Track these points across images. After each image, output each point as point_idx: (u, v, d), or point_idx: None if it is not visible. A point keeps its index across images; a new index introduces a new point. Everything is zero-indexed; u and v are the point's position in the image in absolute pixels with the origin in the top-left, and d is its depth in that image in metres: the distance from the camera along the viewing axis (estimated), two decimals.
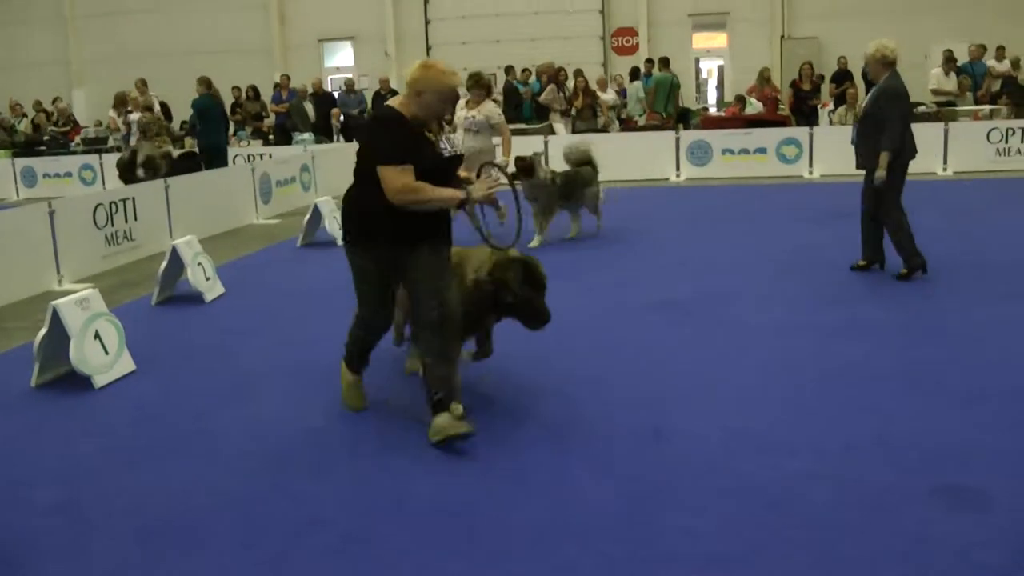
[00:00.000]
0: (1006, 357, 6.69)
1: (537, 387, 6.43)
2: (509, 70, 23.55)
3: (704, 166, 19.22)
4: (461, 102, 11.82)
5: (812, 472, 4.90)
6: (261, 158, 19.52)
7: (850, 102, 20.18)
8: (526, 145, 19.37)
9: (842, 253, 10.16)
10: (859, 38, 24.58)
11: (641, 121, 21.87)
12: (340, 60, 30.87)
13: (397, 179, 5.31)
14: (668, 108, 21.99)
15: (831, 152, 18.26)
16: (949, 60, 21.43)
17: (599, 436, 5.53)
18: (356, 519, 4.65)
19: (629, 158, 19.07)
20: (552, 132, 20.63)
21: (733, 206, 15.04)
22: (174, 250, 9.63)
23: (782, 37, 27.60)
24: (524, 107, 22.07)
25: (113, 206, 12.27)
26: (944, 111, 20.38)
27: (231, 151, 20.73)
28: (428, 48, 29.41)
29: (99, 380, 6.91)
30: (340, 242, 5.91)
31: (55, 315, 6.89)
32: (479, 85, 11.93)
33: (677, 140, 19.58)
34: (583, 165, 12.68)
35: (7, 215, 11.40)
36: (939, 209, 13.46)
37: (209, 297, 9.65)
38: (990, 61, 22.26)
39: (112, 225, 12.19)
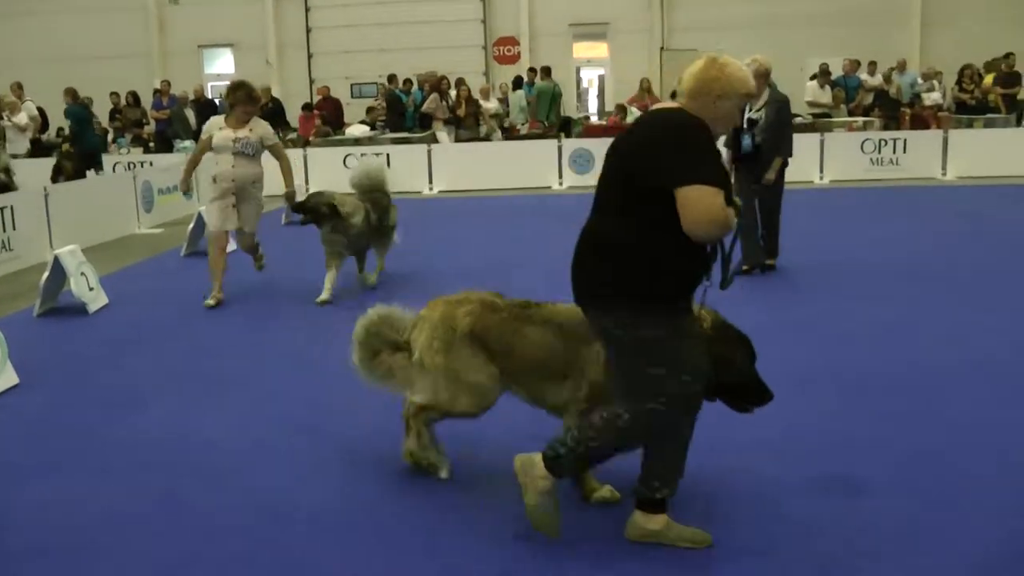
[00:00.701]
0: (878, 353, 7.10)
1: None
2: (392, 79, 23.59)
3: (587, 174, 19.48)
4: (219, 119, 9.87)
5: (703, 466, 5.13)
6: (142, 166, 19.22)
7: None
8: (409, 154, 19.58)
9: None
10: (737, 50, 25.25)
11: (524, 130, 22.10)
12: (220, 67, 30.47)
13: (714, 204, 4.00)
14: (550, 117, 22.27)
15: None
16: (824, 73, 22.16)
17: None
18: (258, 528, 4.70)
19: (512, 167, 19.36)
20: (435, 141, 20.74)
21: None
22: (56, 260, 9.50)
23: (661, 48, 28.12)
24: (407, 116, 22.15)
25: None
26: (820, 122, 21.07)
27: (109, 159, 20.42)
28: (309, 56, 29.32)
29: None
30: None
31: None
32: (251, 99, 9.71)
33: (560, 148, 19.87)
34: (375, 192, 10.40)
35: None
36: (817, 215, 14.03)
37: (93, 308, 9.54)
38: (863, 75, 23.06)
39: None
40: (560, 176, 19.60)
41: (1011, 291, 9.23)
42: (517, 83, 24.27)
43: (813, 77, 22.28)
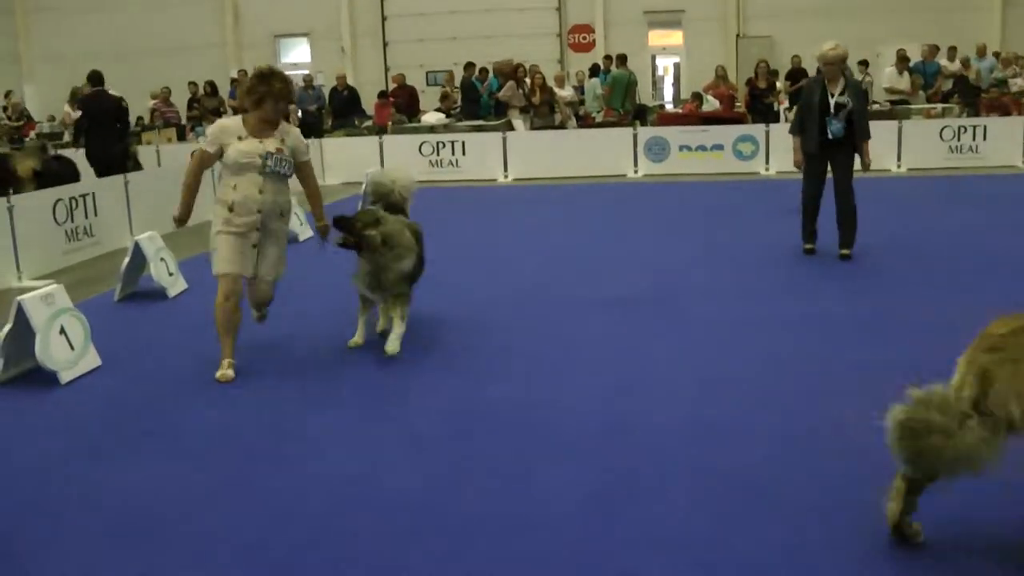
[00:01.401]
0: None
1: (501, 379, 6.52)
2: (468, 67, 23.47)
3: (662, 162, 19.36)
4: (234, 123, 7.14)
5: (775, 458, 5.02)
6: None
7: None
8: (484, 142, 19.57)
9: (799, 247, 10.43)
10: (812, 37, 24.97)
11: (599, 118, 21.97)
12: (296, 56, 30.73)
13: None
14: (625, 105, 22.09)
15: (787, 149, 18.47)
16: (902, 59, 21.68)
17: (563, 427, 5.61)
18: (328, 511, 4.68)
19: (587, 154, 19.27)
20: (511, 128, 20.70)
21: (691, 202, 15.19)
22: (136, 245, 9.61)
23: (737, 36, 27.88)
24: (482, 104, 22.12)
25: (73, 202, 12.20)
26: (897, 109, 20.66)
27: (189, 147, 20.63)
28: (385, 45, 29.43)
29: (65, 376, 6.91)
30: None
31: (20, 311, 6.87)
32: (287, 95, 7.21)
33: (635, 136, 19.72)
34: (392, 210, 7.80)
35: None
36: (895, 204, 13.77)
37: (172, 293, 9.64)
38: (942, 61, 22.57)
39: (72, 221, 12.12)
40: (635, 164, 19.45)
41: None
42: (593, 71, 24.16)
43: (895, 63, 21.81)
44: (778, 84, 22.31)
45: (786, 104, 22.24)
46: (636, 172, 19.37)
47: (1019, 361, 3.69)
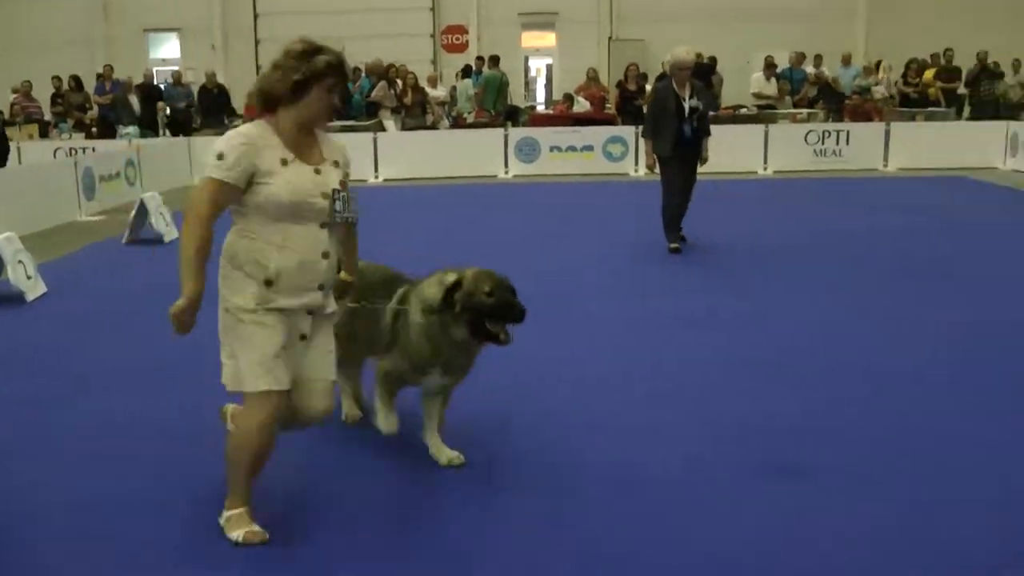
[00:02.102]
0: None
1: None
2: None
3: (532, 163, 19.62)
4: (263, 134, 4.15)
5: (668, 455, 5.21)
6: (83, 152, 19.01)
7: None
8: (355, 143, 19.50)
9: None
10: (683, 42, 25.48)
11: (470, 118, 22.10)
12: (166, 52, 30.17)
13: None
14: (497, 106, 22.27)
15: None
16: (770, 66, 22.33)
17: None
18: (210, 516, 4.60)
19: (458, 155, 19.43)
20: (382, 129, 20.72)
21: (561, 202, 15.43)
22: None
23: (610, 38, 28.27)
24: (354, 104, 22.06)
25: None
26: (764, 114, 21.28)
27: (52, 144, 20.20)
28: (257, 43, 29.02)
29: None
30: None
31: None
32: (340, 81, 4.29)
33: (506, 137, 19.95)
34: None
35: None
36: (762, 205, 14.33)
37: (31, 296, 9.44)
38: (808, 68, 23.31)
39: None
40: (506, 164, 19.67)
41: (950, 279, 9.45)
42: (465, 72, 24.27)
43: (762, 69, 22.43)
44: (647, 87, 22.67)
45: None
46: (507, 172, 19.59)
47: None
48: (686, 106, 10.40)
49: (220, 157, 4.06)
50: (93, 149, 19.45)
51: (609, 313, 8.40)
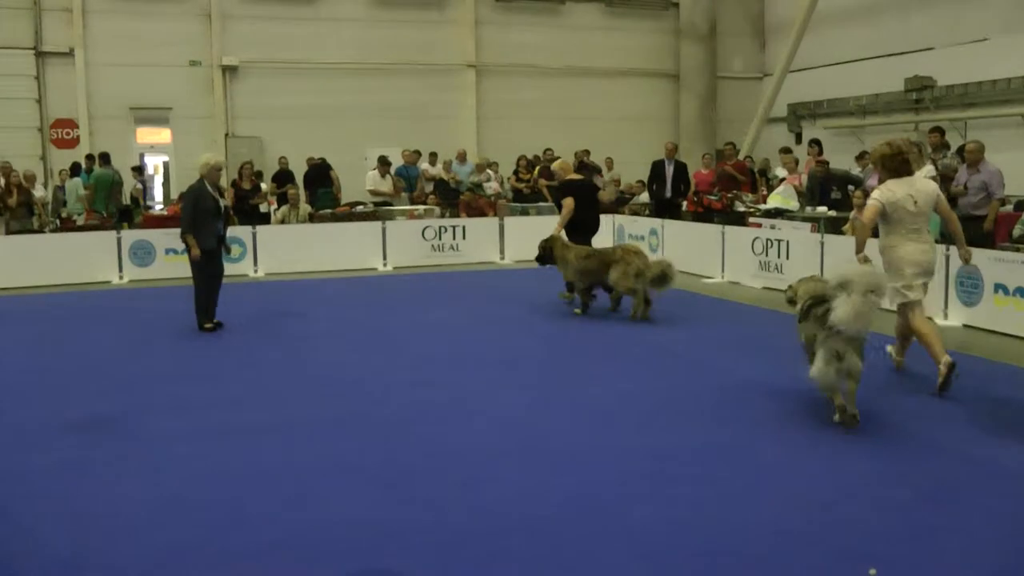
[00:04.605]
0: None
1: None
2: None
3: (148, 266, 19.18)
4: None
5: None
6: None
7: (292, 202, 21.25)
8: None
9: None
10: (299, 138, 26.28)
11: (80, 220, 21.36)
12: None
13: None
14: (110, 206, 21.71)
15: (276, 250, 19.36)
16: (384, 163, 23.12)
17: None
18: None
19: (66, 261, 18.67)
20: None
21: (166, 308, 15.02)
22: None
23: (226, 135, 28.26)
24: None
25: None
26: (381, 211, 21.99)
27: None
28: None
29: None
30: None
31: None
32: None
33: (119, 240, 19.30)
34: None
35: None
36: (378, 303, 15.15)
37: None
38: (423, 164, 24.40)
39: None
40: (120, 270, 19.07)
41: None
42: (74, 170, 23.52)
43: (376, 167, 23.22)
44: (263, 185, 22.88)
45: (275, 205, 22.86)
46: (121, 278, 18.96)
47: None
48: (221, 204, 12.72)
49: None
50: None
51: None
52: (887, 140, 9.61)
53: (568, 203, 14.44)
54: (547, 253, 14.14)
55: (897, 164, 9.28)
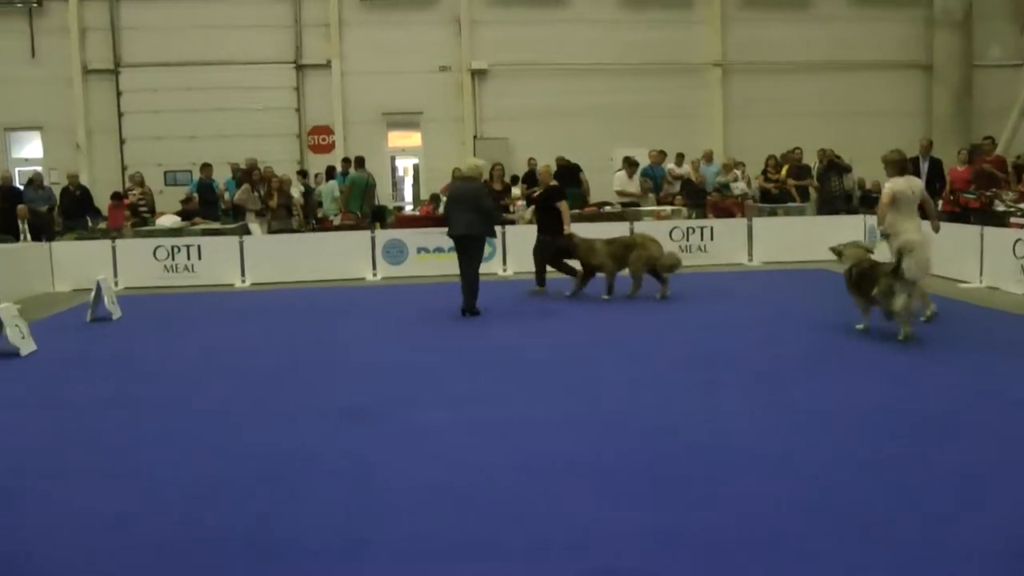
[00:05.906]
0: None
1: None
2: (205, 167, 22.89)
3: (400, 264, 19.77)
4: None
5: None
6: None
7: None
8: (220, 246, 19.50)
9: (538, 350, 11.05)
10: (546, 140, 26.30)
11: (336, 221, 22.21)
12: (29, 151, 29.48)
13: None
14: (363, 207, 22.42)
15: (525, 250, 19.48)
16: (631, 164, 22.95)
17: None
18: None
19: (325, 258, 19.52)
20: (247, 232, 20.63)
21: (427, 305, 15.46)
22: None
23: (475, 137, 28.79)
24: (217, 206, 22.02)
25: None
26: (629, 211, 21.79)
27: None
28: (122, 141, 28.66)
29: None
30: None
31: None
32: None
33: (372, 239, 20.07)
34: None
35: None
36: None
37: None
38: (669, 165, 24.07)
39: None
40: (374, 267, 19.80)
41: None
42: (328, 174, 24.42)
43: (623, 168, 23.06)
44: (514, 189, 23.09)
45: (522, 204, 23.00)
46: (375, 275, 19.70)
47: None
48: None
49: None
50: None
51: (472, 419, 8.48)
52: (894, 148, 12.58)
53: (564, 205, 16.38)
54: (571, 248, 16.03)
55: (900, 166, 12.38)
